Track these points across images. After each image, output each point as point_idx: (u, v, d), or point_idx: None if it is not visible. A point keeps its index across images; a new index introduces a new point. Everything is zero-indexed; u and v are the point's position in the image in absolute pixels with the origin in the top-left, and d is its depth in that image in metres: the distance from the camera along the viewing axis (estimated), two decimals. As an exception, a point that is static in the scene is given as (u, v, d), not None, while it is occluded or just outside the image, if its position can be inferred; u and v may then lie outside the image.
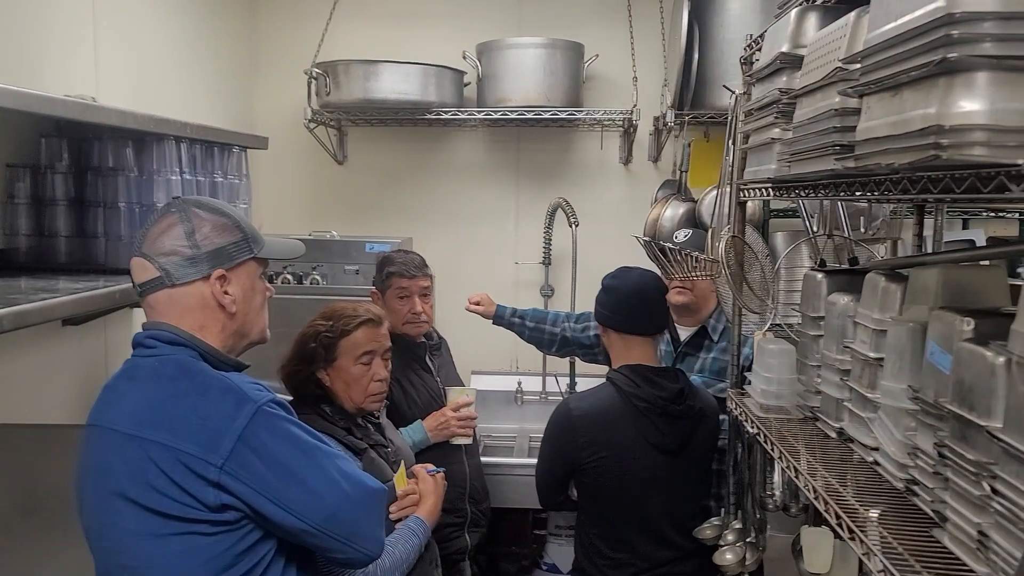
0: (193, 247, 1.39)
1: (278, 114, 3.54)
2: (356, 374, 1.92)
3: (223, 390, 1.33)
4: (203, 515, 1.28)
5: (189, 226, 1.40)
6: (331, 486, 1.35)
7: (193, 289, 1.40)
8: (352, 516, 1.37)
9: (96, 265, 1.95)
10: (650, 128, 3.51)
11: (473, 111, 3.28)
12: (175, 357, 1.37)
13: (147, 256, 1.40)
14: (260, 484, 1.29)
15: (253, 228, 1.49)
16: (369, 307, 2.02)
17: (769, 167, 1.53)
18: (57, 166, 1.93)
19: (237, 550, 1.32)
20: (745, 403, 1.96)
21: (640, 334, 2.08)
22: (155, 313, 1.42)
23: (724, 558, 2.01)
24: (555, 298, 3.68)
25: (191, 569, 1.30)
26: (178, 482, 1.27)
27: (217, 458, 1.27)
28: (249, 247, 1.46)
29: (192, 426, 1.29)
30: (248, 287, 1.46)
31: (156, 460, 1.28)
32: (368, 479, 1.44)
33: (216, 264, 1.41)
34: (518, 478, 2.93)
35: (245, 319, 1.46)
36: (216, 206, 1.47)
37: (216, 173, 2.19)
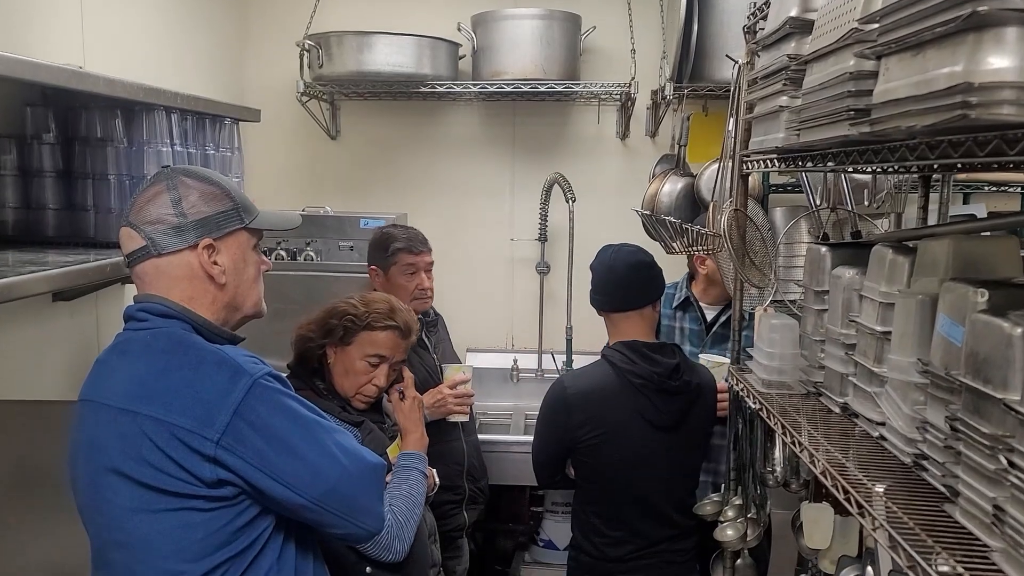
0: (179, 215, 1.35)
1: (270, 87, 3.48)
2: (358, 368, 1.89)
3: (217, 363, 1.29)
4: (199, 490, 1.25)
5: (176, 194, 1.36)
6: (329, 460, 1.32)
7: (180, 259, 1.36)
8: (351, 491, 1.35)
9: (85, 238, 1.91)
10: (648, 102, 3.46)
11: (468, 84, 3.22)
12: (167, 330, 1.33)
13: (133, 225, 1.36)
14: (257, 458, 1.26)
15: (245, 198, 1.44)
16: (407, 315, 1.96)
17: (776, 136, 1.49)
18: (44, 137, 1.88)
19: (234, 526, 1.29)
20: (746, 379, 1.93)
21: (624, 310, 2.05)
22: (144, 284, 1.38)
23: (725, 534, 2.00)
24: (551, 275, 3.65)
25: (187, 545, 1.27)
26: (173, 457, 1.24)
27: (213, 432, 1.24)
28: (239, 217, 1.41)
29: (186, 400, 1.25)
30: (239, 258, 1.41)
31: (150, 435, 1.24)
32: (367, 453, 1.41)
33: (203, 233, 1.36)
34: (514, 455, 2.91)
35: (236, 291, 1.41)
36: (205, 175, 1.42)
37: (208, 145, 2.15)
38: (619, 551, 2.02)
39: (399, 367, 1.98)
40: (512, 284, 3.71)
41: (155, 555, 1.27)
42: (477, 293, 3.62)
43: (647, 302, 2.09)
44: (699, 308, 2.58)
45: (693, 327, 2.56)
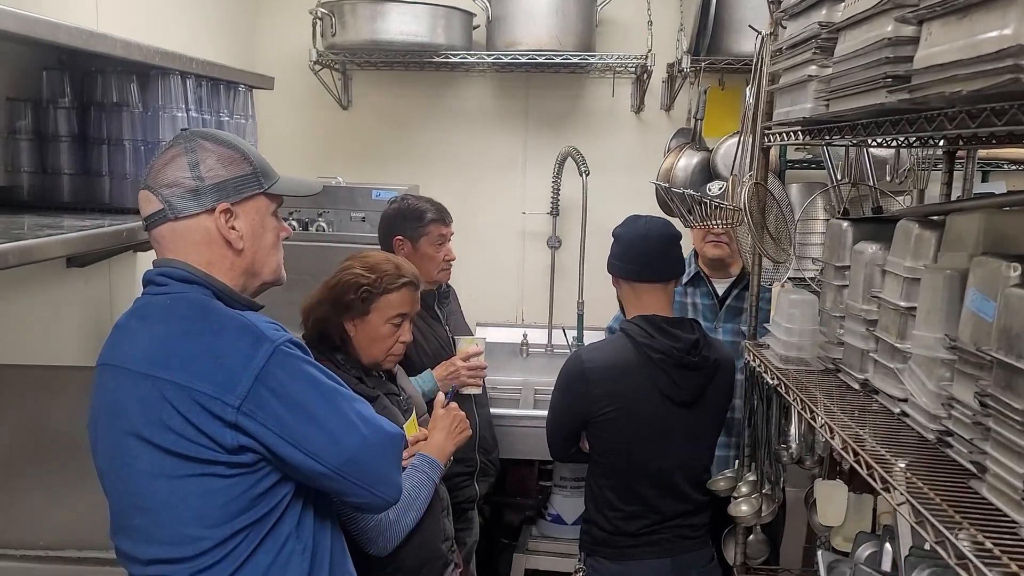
0: (197, 179, 1.33)
1: (281, 56, 3.44)
2: (384, 333, 1.88)
3: (239, 328, 1.28)
4: (220, 456, 1.25)
5: (194, 157, 1.33)
6: (349, 429, 1.31)
7: (197, 223, 1.34)
8: (370, 460, 1.34)
9: (100, 204, 1.90)
10: (663, 75, 3.42)
11: (482, 54, 3.18)
12: (188, 295, 1.32)
13: (151, 188, 1.34)
14: (278, 425, 1.25)
15: (265, 163, 1.41)
16: (410, 266, 1.96)
17: (803, 107, 1.46)
18: (60, 101, 1.86)
19: (254, 493, 1.28)
20: (764, 354, 1.92)
21: (650, 281, 2.03)
22: (162, 248, 1.37)
23: (739, 509, 2.00)
24: (562, 250, 3.63)
25: (207, 511, 1.27)
26: (194, 423, 1.23)
27: (234, 398, 1.23)
28: (258, 182, 1.38)
29: (207, 365, 1.24)
30: (257, 224, 1.39)
31: (171, 400, 1.23)
32: (386, 423, 1.40)
33: (221, 197, 1.34)
34: (523, 430, 2.92)
35: (255, 257, 1.39)
36: (225, 138, 1.39)
37: (222, 112, 2.12)
38: (633, 525, 2.01)
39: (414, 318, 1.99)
40: (523, 258, 3.69)
41: (175, 520, 1.27)
42: (487, 267, 3.61)
43: (674, 275, 2.08)
44: (710, 283, 2.56)
45: (705, 302, 2.55)
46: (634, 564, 2.01)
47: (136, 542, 1.32)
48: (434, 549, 1.89)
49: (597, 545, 2.06)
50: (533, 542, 3.34)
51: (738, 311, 2.56)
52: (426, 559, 1.86)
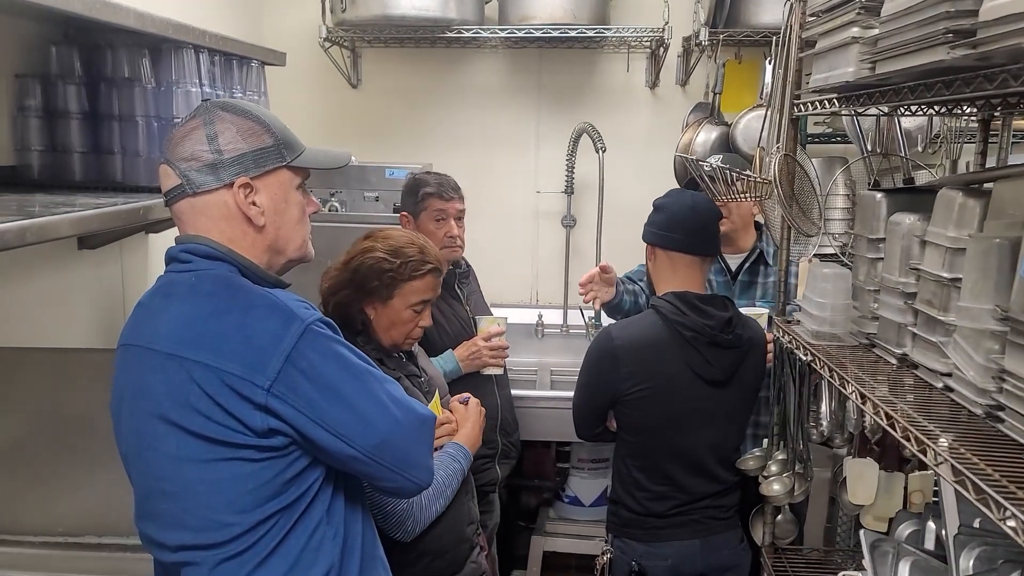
0: (215, 152, 1.27)
1: (289, 33, 3.37)
2: (405, 318, 1.84)
3: (269, 307, 1.22)
4: (249, 440, 1.20)
5: (212, 129, 1.27)
6: (382, 411, 1.26)
7: (216, 198, 1.28)
8: (403, 443, 1.29)
9: (112, 183, 1.85)
10: (678, 50, 3.35)
11: (495, 29, 3.12)
12: (214, 272, 1.26)
13: (169, 162, 1.29)
14: (309, 407, 1.20)
15: (289, 134, 1.35)
16: (434, 250, 1.90)
17: (845, 71, 1.41)
18: (69, 76, 1.81)
19: (284, 478, 1.24)
20: (794, 330, 1.88)
21: (691, 253, 1.98)
22: (183, 224, 1.32)
23: (772, 489, 1.96)
24: (577, 228, 3.57)
25: (235, 497, 1.22)
26: (223, 405, 1.18)
27: (264, 379, 1.18)
28: (280, 154, 1.31)
29: (236, 345, 1.19)
30: (280, 198, 1.32)
31: (198, 381, 1.18)
32: (418, 405, 1.35)
33: (240, 171, 1.28)
34: (540, 411, 2.88)
35: (278, 233, 1.33)
36: (245, 109, 1.32)
37: (235, 89, 2.07)
38: (661, 506, 1.98)
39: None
40: (537, 238, 3.64)
41: (203, 506, 1.23)
42: (501, 247, 3.56)
43: (714, 252, 2.04)
44: (722, 259, 2.51)
45: (719, 279, 2.50)
46: (663, 545, 1.98)
47: (162, 528, 1.28)
48: (460, 533, 1.85)
49: (625, 526, 2.03)
50: (551, 524, 3.31)
51: (750, 285, 2.51)
52: (452, 543, 1.83)
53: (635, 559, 2.00)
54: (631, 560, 2.00)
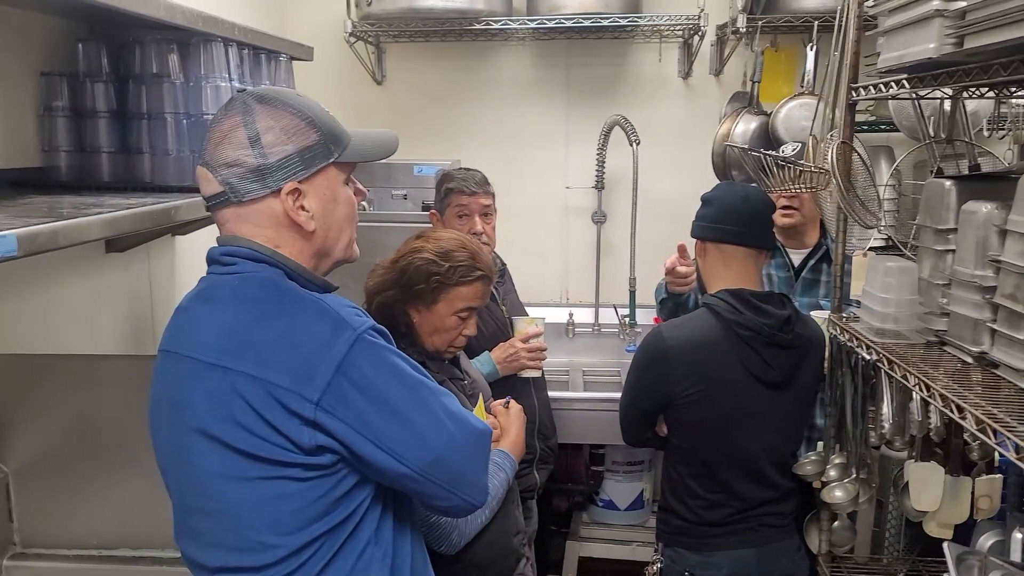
0: (259, 156, 1.16)
1: (314, 27, 3.30)
2: (449, 325, 1.76)
3: (318, 313, 1.14)
4: (296, 458, 1.12)
5: (253, 129, 1.17)
6: (437, 426, 1.18)
7: (263, 206, 1.18)
8: (457, 460, 1.20)
9: (141, 183, 1.78)
10: (712, 38, 3.26)
11: (525, 20, 3.03)
12: (259, 275, 1.18)
13: (209, 166, 1.19)
14: (359, 422, 1.12)
15: (333, 125, 1.23)
16: (486, 257, 1.82)
17: (924, 48, 1.31)
18: (96, 74, 1.74)
19: (331, 497, 1.15)
20: (855, 328, 1.78)
21: (744, 245, 1.88)
22: (225, 228, 1.23)
23: (833, 495, 1.86)
24: (607, 225, 3.49)
25: (279, 517, 1.14)
26: (269, 420, 1.10)
27: (313, 392, 1.10)
28: (328, 151, 1.20)
29: (282, 354, 1.11)
30: (329, 198, 1.22)
31: (243, 394, 1.10)
32: (473, 419, 1.26)
33: (287, 176, 1.17)
34: (573, 413, 2.80)
35: (327, 236, 1.24)
36: (286, 100, 1.21)
37: (264, 83, 2.00)
38: (716, 514, 1.89)
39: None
40: (567, 234, 3.56)
41: (245, 526, 1.15)
42: (530, 244, 3.47)
43: (769, 246, 1.94)
44: (785, 253, 2.41)
45: (781, 274, 2.40)
46: (717, 554, 1.89)
47: (202, 547, 1.20)
48: (506, 544, 1.78)
49: (676, 535, 1.94)
50: (585, 529, 3.24)
51: (814, 283, 2.41)
52: (499, 555, 1.76)
53: (687, 569, 1.91)
54: (683, 570, 1.92)
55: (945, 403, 1.33)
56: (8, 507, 1.72)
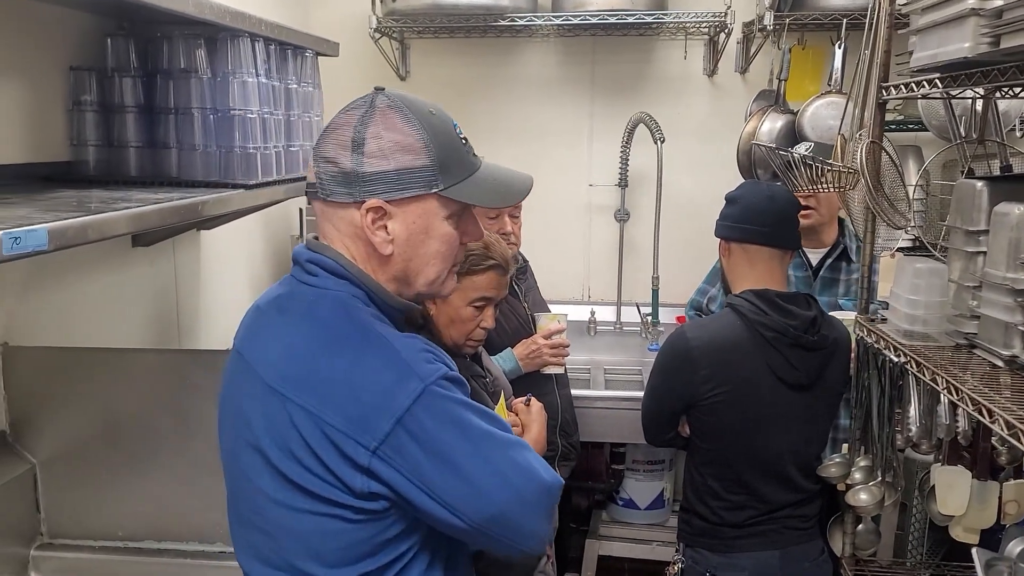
0: (355, 162, 1.10)
1: (339, 23, 3.31)
2: (464, 316, 1.75)
3: (385, 358, 1.07)
4: (347, 500, 1.07)
5: (361, 134, 1.10)
6: (500, 482, 1.09)
7: (346, 213, 1.12)
8: (519, 516, 1.11)
9: (168, 178, 1.79)
10: (738, 36, 3.23)
11: (550, 16, 3.02)
12: (335, 294, 1.13)
13: (314, 153, 1.14)
14: (415, 473, 1.06)
15: (453, 156, 1.13)
16: (501, 247, 1.80)
17: (959, 47, 1.29)
18: (124, 69, 1.76)
19: (380, 539, 1.11)
20: (882, 330, 1.76)
21: (770, 245, 1.86)
22: (317, 221, 1.19)
23: (858, 498, 1.84)
24: (630, 223, 3.47)
25: (325, 552, 1.11)
26: (322, 459, 1.06)
27: (370, 440, 1.04)
28: (431, 181, 1.11)
29: (342, 396, 1.06)
30: (418, 228, 1.13)
31: (299, 427, 1.06)
32: (542, 469, 1.15)
33: (374, 192, 1.10)
34: (594, 411, 2.79)
35: (407, 265, 1.15)
36: (416, 113, 1.12)
37: (290, 79, 2.00)
38: (738, 516, 1.87)
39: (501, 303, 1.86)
40: (589, 232, 3.55)
41: (290, 551, 1.12)
42: (552, 242, 3.46)
43: (795, 246, 1.92)
44: (803, 253, 2.40)
45: (799, 274, 2.38)
46: (739, 556, 1.87)
47: (251, 559, 1.18)
48: (527, 541, 1.77)
49: (698, 536, 1.93)
50: (605, 527, 3.23)
51: (832, 282, 2.40)
52: (520, 551, 1.75)
53: (709, 570, 1.90)
54: (705, 571, 1.91)
55: (974, 406, 1.31)
56: (36, 498, 1.74)
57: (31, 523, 1.74)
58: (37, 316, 1.78)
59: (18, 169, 1.66)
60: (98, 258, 1.96)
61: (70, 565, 1.73)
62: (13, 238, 1.01)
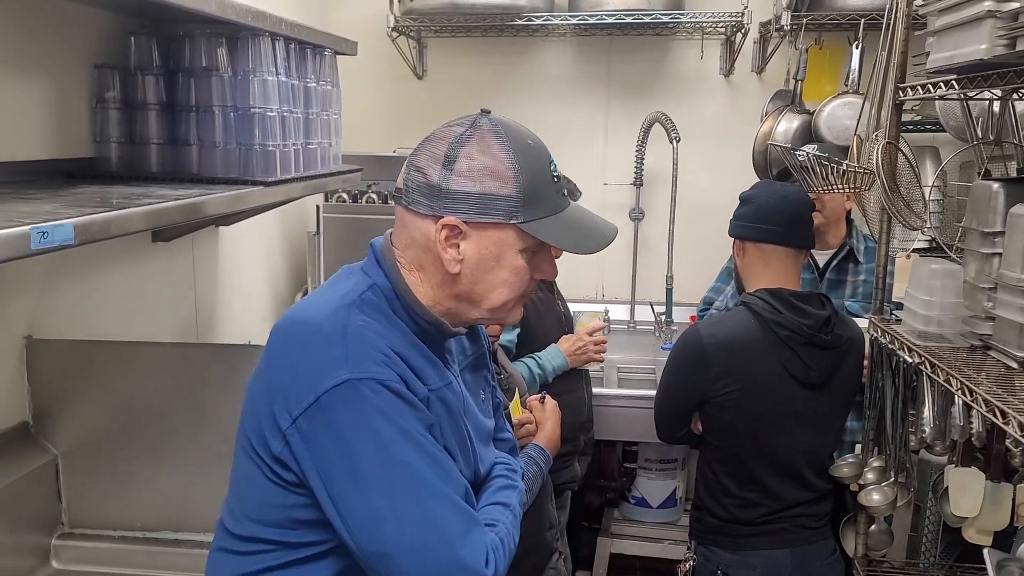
0: (442, 177, 1.11)
1: (356, 22, 3.34)
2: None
3: (333, 343, 1.09)
4: (265, 456, 1.11)
5: (458, 150, 1.11)
6: (397, 521, 1.04)
7: (423, 223, 1.13)
8: (411, 572, 1.04)
9: (189, 174, 1.81)
10: (755, 36, 3.22)
11: (567, 16, 3.03)
12: (356, 278, 1.18)
13: (407, 160, 1.17)
14: (322, 464, 1.06)
15: (540, 192, 1.13)
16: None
17: (976, 48, 1.29)
18: (147, 67, 1.78)
19: (291, 516, 1.12)
20: (897, 330, 1.76)
21: (785, 245, 1.87)
22: (396, 223, 1.21)
23: (871, 498, 1.84)
24: (645, 223, 3.47)
25: (248, 498, 1.15)
26: (260, 412, 1.11)
27: (294, 409, 1.07)
28: (511, 212, 1.11)
29: (293, 359, 1.11)
30: (490, 256, 1.14)
31: (266, 371, 1.14)
32: (471, 550, 1.06)
33: (453, 210, 1.11)
34: (608, 409, 2.80)
35: (472, 288, 1.16)
36: (514, 143, 1.13)
37: (309, 77, 2.02)
38: (750, 514, 1.88)
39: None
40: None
41: (232, 488, 1.20)
42: (566, 241, 3.47)
43: (809, 245, 1.92)
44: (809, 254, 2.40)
45: (805, 275, 2.39)
46: (751, 554, 1.88)
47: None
48: (539, 538, 1.79)
49: (710, 533, 1.94)
50: (616, 525, 3.24)
51: (838, 284, 2.40)
52: (531, 547, 1.77)
53: (721, 568, 1.91)
54: (716, 569, 1.91)
55: (988, 408, 1.31)
56: (57, 488, 1.77)
57: (53, 513, 1.77)
58: (59, 310, 1.81)
59: (43, 165, 1.69)
60: (119, 253, 1.99)
61: (90, 554, 1.76)
62: (41, 232, 1.03)
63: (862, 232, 2.30)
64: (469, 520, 1.09)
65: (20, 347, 1.72)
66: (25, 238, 1.00)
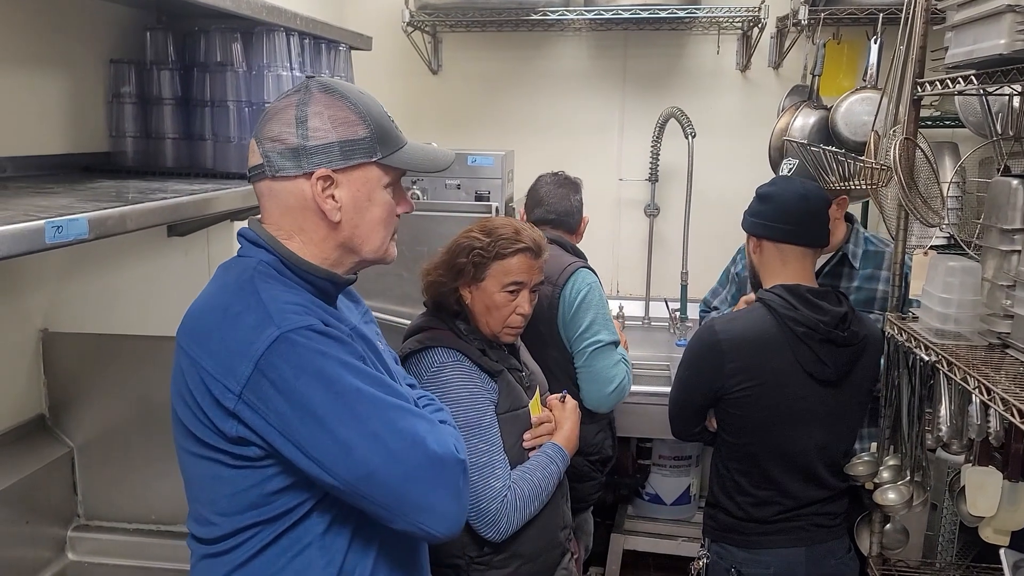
0: (300, 137, 1.18)
1: (372, 17, 3.34)
2: (499, 301, 1.76)
3: (251, 308, 1.12)
4: (223, 445, 1.13)
5: (304, 111, 1.18)
6: (371, 443, 1.10)
7: (294, 186, 1.19)
8: (399, 482, 1.11)
9: (204, 169, 1.83)
10: (772, 30, 3.20)
11: (582, 10, 3.02)
12: (245, 260, 1.21)
13: (257, 138, 1.21)
14: (280, 422, 1.09)
15: (387, 128, 1.22)
16: (532, 232, 1.82)
17: (995, 43, 1.28)
18: (163, 62, 1.79)
19: (264, 490, 1.14)
20: (913, 328, 1.74)
21: (804, 244, 1.85)
22: (261, 204, 1.26)
23: (886, 497, 1.83)
24: (660, 218, 3.46)
25: (217, 498, 1.17)
26: (200, 403, 1.12)
27: (235, 384, 1.09)
28: (371, 150, 1.20)
29: (215, 343, 1.12)
30: (362, 196, 1.21)
31: (187, 375, 1.14)
32: (431, 439, 1.14)
33: (321, 162, 1.18)
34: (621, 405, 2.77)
35: (354, 232, 1.23)
36: (346, 93, 1.21)
37: (324, 72, 2.03)
38: (764, 512, 1.87)
39: (538, 290, 1.87)
40: (618, 227, 3.55)
41: (195, 499, 1.21)
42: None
43: (826, 242, 1.91)
44: None
45: None
46: (765, 552, 1.87)
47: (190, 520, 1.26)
48: (552, 537, 1.78)
49: (723, 531, 1.93)
50: (630, 522, 3.23)
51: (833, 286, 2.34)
52: (544, 547, 1.76)
53: (734, 566, 1.90)
54: (730, 567, 1.90)
55: (1006, 407, 1.29)
56: (73, 481, 1.79)
57: (69, 505, 1.78)
58: (76, 303, 1.83)
59: (59, 159, 1.71)
60: (134, 247, 2.00)
61: (104, 546, 1.78)
62: (56, 227, 1.04)
63: (863, 235, 2.25)
64: (427, 420, 1.18)
65: (37, 340, 1.74)
66: (40, 232, 1.01)
